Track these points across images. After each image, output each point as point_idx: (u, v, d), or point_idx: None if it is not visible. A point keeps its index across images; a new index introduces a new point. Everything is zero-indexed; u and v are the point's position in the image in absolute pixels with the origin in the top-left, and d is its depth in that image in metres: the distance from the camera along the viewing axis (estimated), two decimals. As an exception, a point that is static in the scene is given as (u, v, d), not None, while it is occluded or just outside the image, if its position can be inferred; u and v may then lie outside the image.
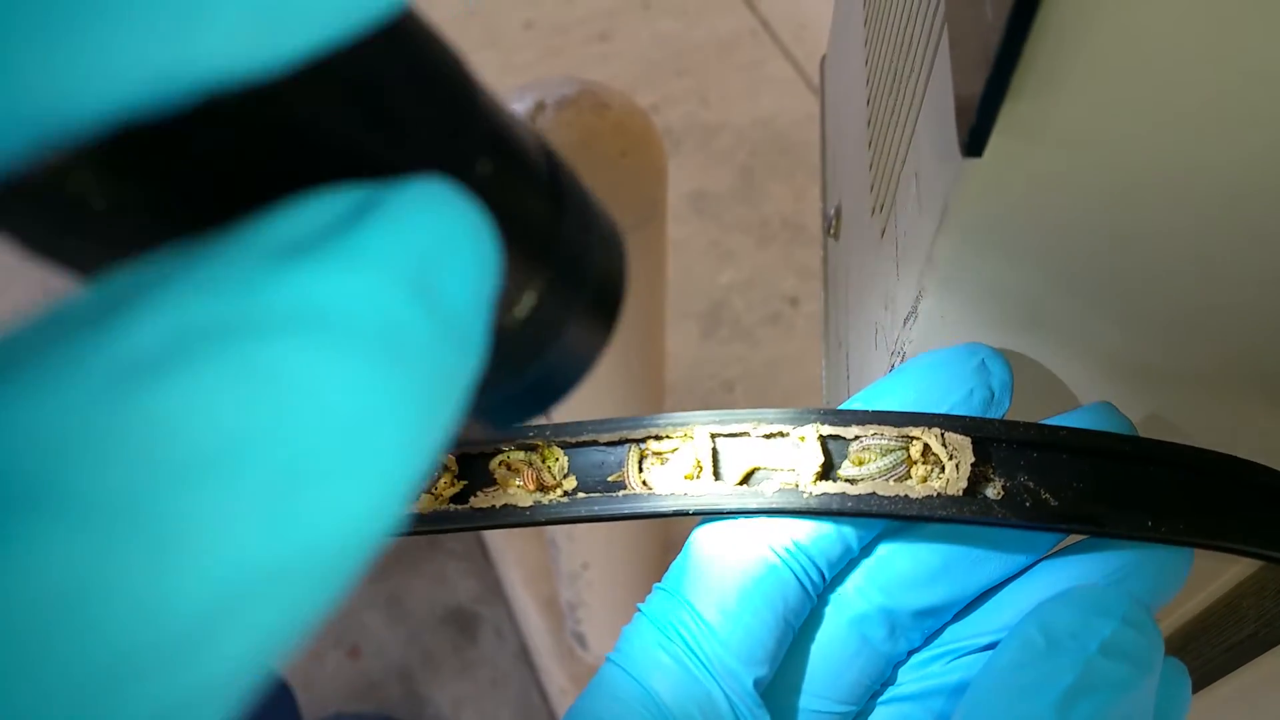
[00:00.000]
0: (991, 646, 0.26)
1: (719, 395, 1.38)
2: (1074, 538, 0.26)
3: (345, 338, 0.11)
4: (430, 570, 1.42)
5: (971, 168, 0.20)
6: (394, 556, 1.43)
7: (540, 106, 0.74)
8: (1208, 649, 0.31)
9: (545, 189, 0.17)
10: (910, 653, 0.27)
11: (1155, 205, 0.20)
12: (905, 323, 0.25)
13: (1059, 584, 0.25)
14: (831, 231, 0.39)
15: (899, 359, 0.27)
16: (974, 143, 0.18)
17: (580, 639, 1.20)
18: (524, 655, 1.37)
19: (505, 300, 0.18)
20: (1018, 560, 0.26)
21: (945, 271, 0.23)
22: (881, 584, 0.26)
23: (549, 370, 0.22)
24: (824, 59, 0.45)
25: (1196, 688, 0.32)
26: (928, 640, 0.27)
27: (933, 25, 0.25)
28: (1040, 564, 0.26)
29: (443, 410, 0.12)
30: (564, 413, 0.75)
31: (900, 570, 0.26)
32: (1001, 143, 0.19)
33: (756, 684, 0.25)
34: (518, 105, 0.75)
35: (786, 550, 0.25)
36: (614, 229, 0.26)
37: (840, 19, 0.42)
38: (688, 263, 1.47)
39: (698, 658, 0.25)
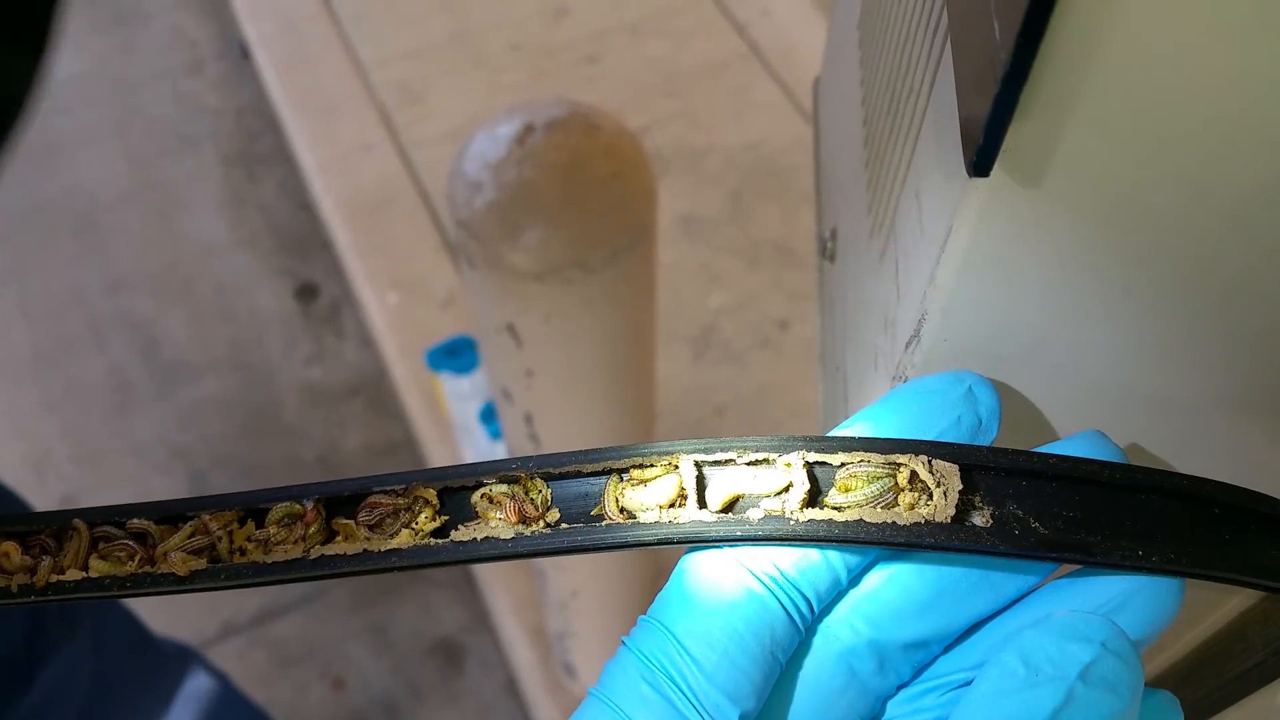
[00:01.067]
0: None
1: (709, 420, 1.37)
2: (1066, 568, 0.25)
3: None
4: (415, 600, 1.40)
5: (977, 188, 0.19)
6: (378, 587, 1.41)
7: (530, 128, 0.74)
8: (1214, 677, 0.31)
9: None
10: (900, 686, 0.26)
11: (1162, 227, 0.19)
12: (908, 346, 0.25)
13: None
14: (827, 254, 0.38)
15: (899, 383, 0.26)
16: (980, 163, 0.18)
17: (569, 669, 1.18)
18: (511, 686, 1.35)
19: None
20: (1008, 592, 0.25)
21: (948, 294, 0.22)
22: (870, 616, 0.25)
23: None
24: (817, 81, 0.45)
25: (1203, 716, 0.31)
26: (917, 674, 0.26)
27: (933, 46, 0.24)
28: (1031, 595, 0.25)
29: None
30: (554, 436, 0.73)
31: (889, 602, 0.25)
32: (1008, 163, 0.18)
33: (742, 719, 0.24)
34: (506, 127, 0.75)
35: (774, 581, 0.25)
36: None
37: (835, 41, 0.41)
38: (677, 286, 1.47)
39: (682, 692, 0.24)
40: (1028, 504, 0.24)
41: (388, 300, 1.45)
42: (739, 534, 0.24)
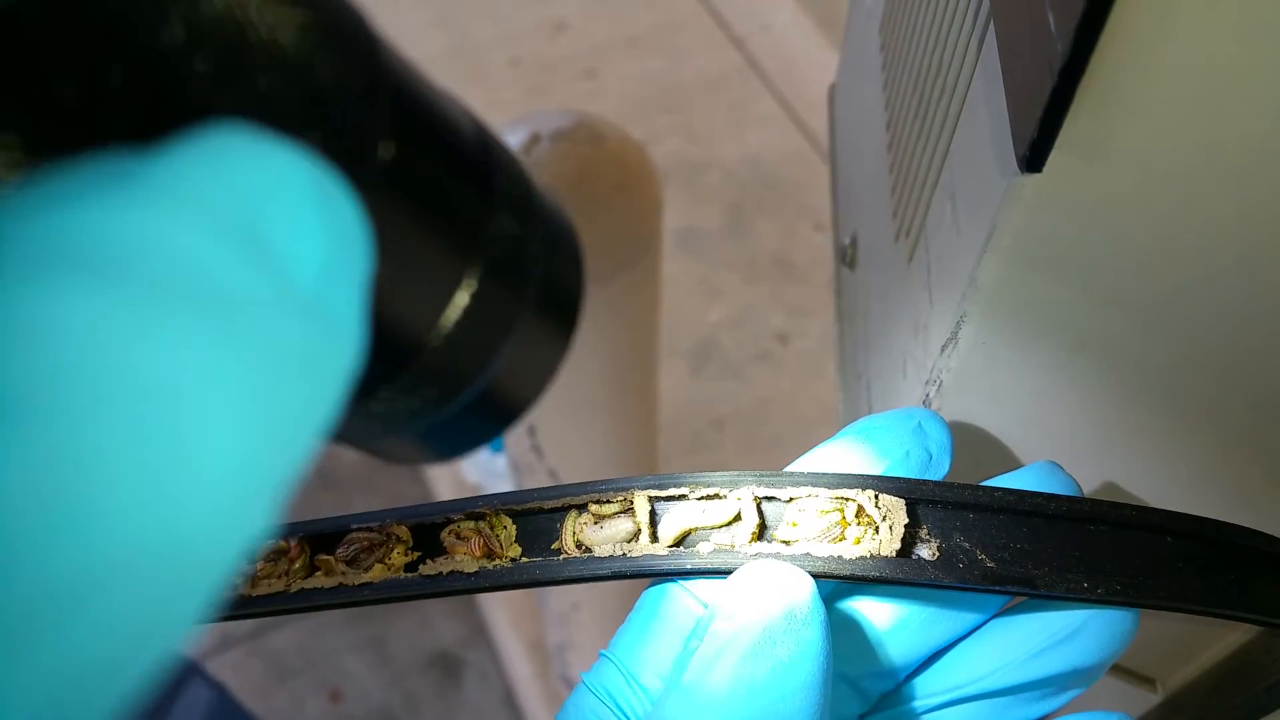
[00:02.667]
0: (944, 706, 0.26)
1: (708, 434, 1.37)
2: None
3: (135, 283, 0.08)
4: (414, 613, 1.39)
5: (1022, 186, 0.19)
6: (378, 598, 1.40)
7: (535, 139, 0.74)
8: (1244, 688, 0.31)
9: (472, 175, 0.16)
10: (861, 716, 0.27)
11: (1216, 228, 0.19)
12: (944, 350, 0.25)
13: (1008, 644, 0.25)
14: (846, 261, 0.38)
15: (935, 388, 0.26)
16: (1034, 158, 0.18)
17: (568, 682, 1.18)
18: (509, 699, 1.35)
19: (432, 301, 0.16)
20: (967, 620, 0.26)
21: (989, 295, 0.22)
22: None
23: (495, 387, 0.21)
24: (832, 87, 0.45)
25: (1234, 729, 0.31)
26: (879, 703, 0.27)
27: (968, 47, 0.24)
28: (989, 623, 0.26)
29: (296, 395, 0.10)
30: (558, 449, 0.73)
31: (848, 634, 0.26)
32: (1060, 159, 0.18)
33: None
34: (512, 137, 0.75)
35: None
36: (568, 228, 0.25)
37: (851, 48, 0.41)
38: (676, 300, 1.47)
39: None
40: (974, 537, 0.24)
41: (387, 313, 1.45)
42: (689, 566, 0.25)
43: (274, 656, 1.37)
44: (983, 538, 0.24)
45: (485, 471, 1.22)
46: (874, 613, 0.26)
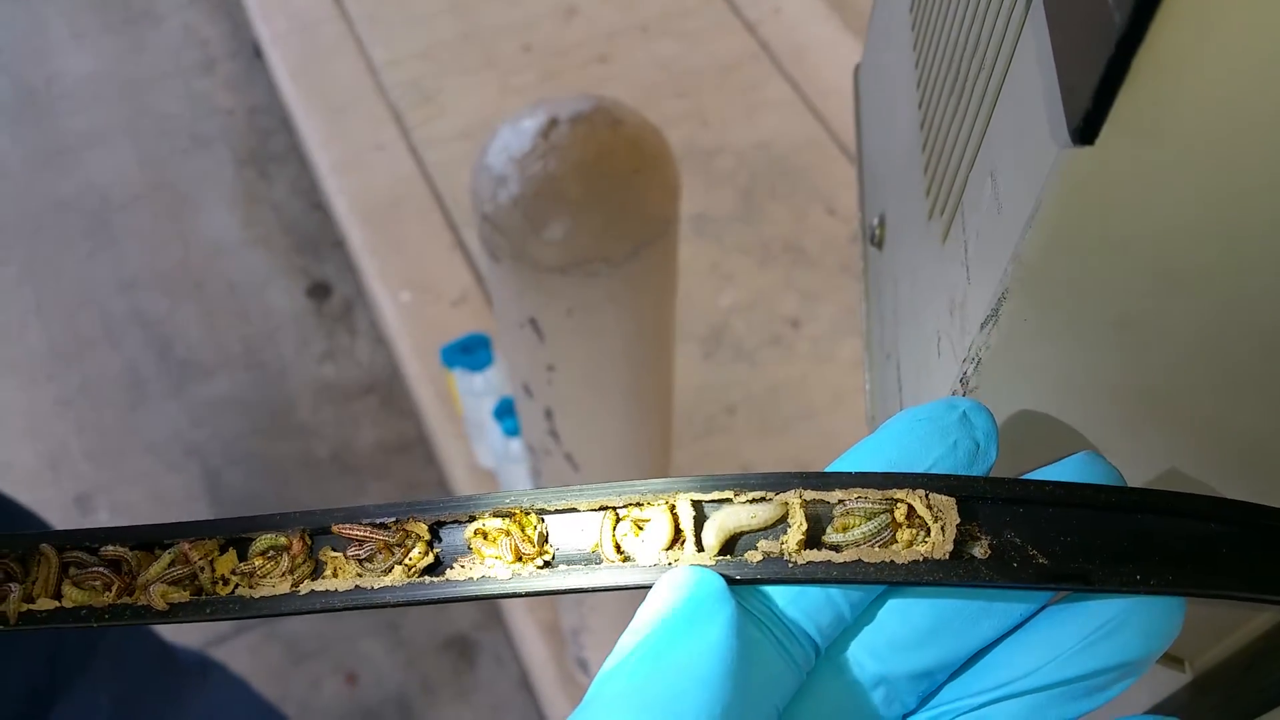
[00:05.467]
0: (989, 704, 0.25)
1: (721, 418, 1.37)
2: None
3: None
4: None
5: (1073, 158, 0.19)
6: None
7: (554, 122, 0.74)
8: (1277, 668, 0.31)
9: None
10: (905, 716, 0.26)
11: (1270, 204, 0.19)
12: (983, 327, 0.25)
13: (1055, 639, 0.25)
14: (875, 241, 0.38)
15: (973, 366, 0.26)
16: (1087, 130, 0.18)
17: (583, 665, 1.19)
18: (524, 682, 1.35)
19: None
20: (1012, 616, 0.25)
21: (1033, 271, 0.22)
22: (874, 649, 0.26)
23: None
24: (857, 68, 0.45)
25: (1268, 707, 0.31)
26: (923, 702, 0.26)
27: (1009, 23, 0.24)
28: (1035, 619, 0.25)
29: None
30: (577, 433, 0.73)
31: (893, 635, 0.25)
32: (1113, 131, 0.18)
33: None
34: (530, 121, 0.75)
35: (770, 620, 0.25)
36: None
37: (879, 26, 0.41)
38: (688, 285, 1.47)
39: None
40: (1025, 532, 0.24)
41: (400, 298, 1.45)
42: (737, 577, 0.24)
43: (290, 641, 1.38)
44: (1034, 533, 0.24)
45: (501, 455, 1.22)
46: (919, 612, 0.25)
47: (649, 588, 0.25)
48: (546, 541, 0.26)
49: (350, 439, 1.50)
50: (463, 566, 0.26)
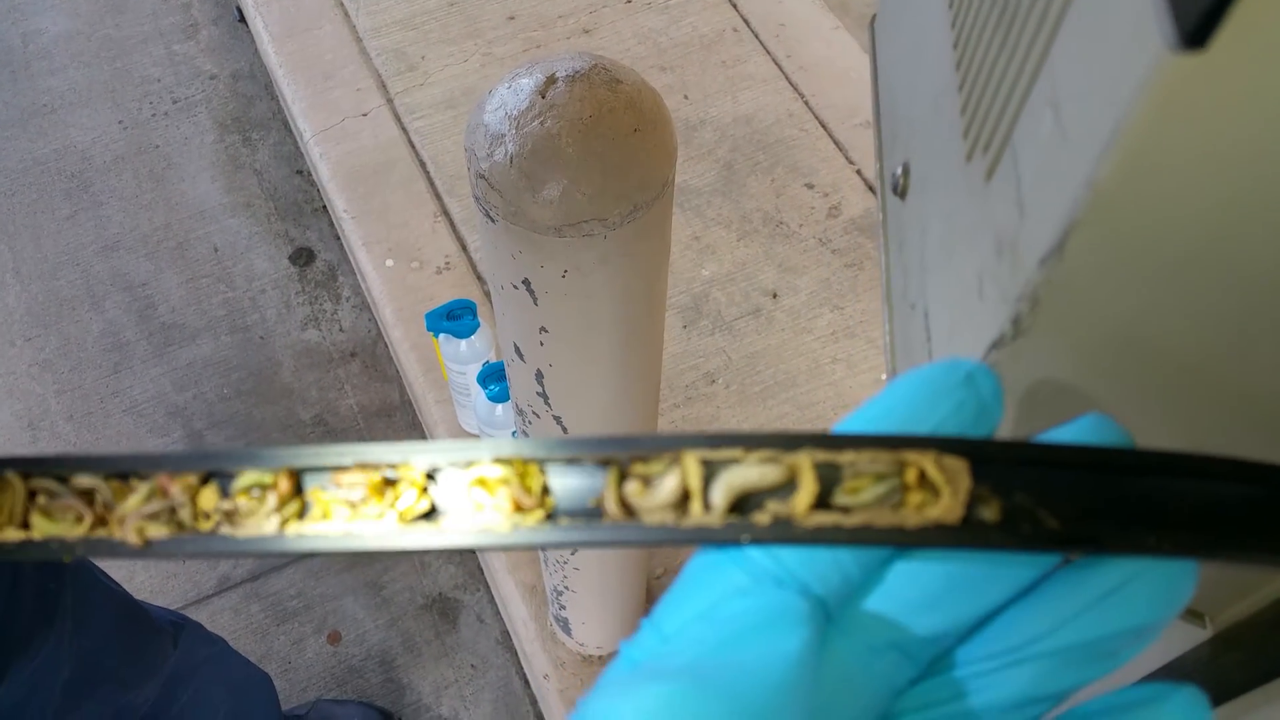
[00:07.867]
0: (998, 670, 0.26)
1: (701, 386, 1.40)
2: None
3: None
4: (411, 557, 1.42)
5: (1174, 68, 0.17)
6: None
7: (552, 80, 0.74)
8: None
9: None
10: (912, 682, 0.26)
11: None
12: (1043, 263, 0.23)
13: (1064, 605, 0.25)
14: (898, 191, 0.39)
15: (1028, 305, 0.25)
16: (1200, 31, 0.16)
17: (564, 624, 1.21)
18: (505, 641, 1.38)
19: None
20: (1021, 579, 0.25)
21: (1110, 197, 0.21)
22: (883, 612, 0.25)
23: None
24: (874, 20, 0.46)
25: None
26: (930, 666, 0.26)
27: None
28: (1045, 581, 0.25)
29: None
30: (566, 395, 0.74)
31: (902, 597, 0.25)
32: (1233, 35, 0.16)
33: None
34: (527, 79, 0.76)
35: (777, 580, 0.25)
36: None
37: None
38: (670, 256, 1.49)
39: None
40: (1036, 494, 0.23)
41: (384, 265, 1.47)
42: (745, 538, 0.23)
43: (273, 599, 1.39)
44: (1045, 496, 0.23)
45: (485, 420, 1.24)
46: (929, 575, 0.25)
47: (652, 545, 0.24)
48: (547, 493, 0.24)
49: (334, 403, 1.51)
50: (461, 516, 0.24)
